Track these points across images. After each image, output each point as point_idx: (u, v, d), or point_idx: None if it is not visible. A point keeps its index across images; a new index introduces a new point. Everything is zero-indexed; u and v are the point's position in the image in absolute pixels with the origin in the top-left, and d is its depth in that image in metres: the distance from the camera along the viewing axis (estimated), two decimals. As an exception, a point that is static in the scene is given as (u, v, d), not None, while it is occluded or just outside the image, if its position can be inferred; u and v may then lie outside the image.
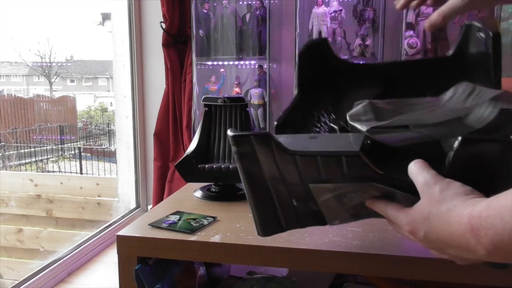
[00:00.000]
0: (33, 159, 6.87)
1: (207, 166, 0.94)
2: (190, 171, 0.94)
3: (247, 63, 2.45)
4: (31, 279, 1.91)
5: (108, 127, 9.65)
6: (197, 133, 1.00)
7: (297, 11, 2.26)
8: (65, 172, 6.54)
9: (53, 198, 3.95)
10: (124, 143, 2.86)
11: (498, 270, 0.52)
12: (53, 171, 6.70)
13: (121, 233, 0.75)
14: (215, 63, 2.47)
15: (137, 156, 2.82)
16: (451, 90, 0.64)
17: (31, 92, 16.90)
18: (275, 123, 0.59)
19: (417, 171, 0.50)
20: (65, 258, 2.13)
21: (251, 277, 0.97)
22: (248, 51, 2.40)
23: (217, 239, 0.71)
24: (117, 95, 2.84)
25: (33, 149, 7.09)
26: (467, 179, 0.47)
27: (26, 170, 6.51)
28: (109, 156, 6.83)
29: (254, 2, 2.38)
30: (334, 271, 0.88)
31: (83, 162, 6.80)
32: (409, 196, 0.51)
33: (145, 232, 0.75)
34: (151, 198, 2.76)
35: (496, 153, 0.48)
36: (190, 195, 0.98)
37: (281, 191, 0.58)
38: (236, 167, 0.93)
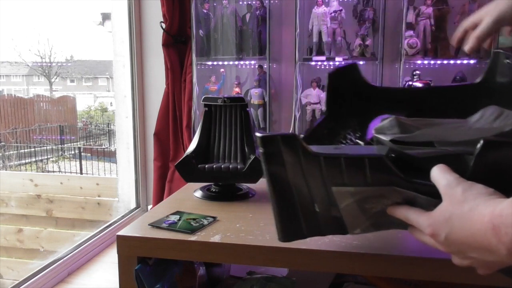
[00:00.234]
0: (33, 159, 6.88)
1: (207, 166, 0.93)
2: (190, 171, 0.94)
3: (247, 63, 2.45)
4: (31, 279, 1.91)
5: (108, 127, 9.66)
6: (197, 133, 1.00)
7: (297, 11, 2.26)
8: (65, 172, 6.55)
9: (53, 198, 3.95)
10: (124, 143, 2.86)
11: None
12: (53, 171, 6.70)
13: (121, 233, 0.75)
14: (215, 63, 2.47)
15: (137, 156, 2.82)
16: (479, 113, 0.64)
17: (31, 92, 16.90)
18: (301, 135, 0.59)
19: (440, 174, 0.50)
20: (65, 258, 2.13)
21: (251, 277, 0.97)
22: (248, 51, 2.40)
23: (217, 239, 0.71)
24: (117, 95, 2.84)
25: (33, 149, 7.09)
26: (489, 182, 0.47)
27: (26, 170, 6.51)
28: (109, 156, 6.83)
29: (254, 2, 2.38)
30: (334, 271, 0.88)
31: (83, 162, 6.81)
32: (431, 199, 0.51)
33: (145, 232, 0.75)
34: (151, 198, 2.76)
35: None
36: (190, 195, 0.98)
37: (304, 195, 0.58)
38: (236, 167, 0.93)
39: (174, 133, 2.63)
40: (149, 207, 2.83)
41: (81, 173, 6.48)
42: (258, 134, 0.57)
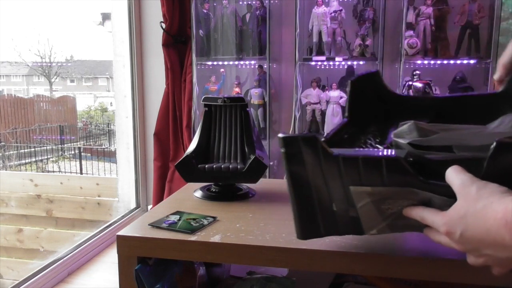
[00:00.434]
0: (33, 159, 6.88)
1: (207, 166, 0.93)
2: (190, 171, 0.94)
3: (247, 63, 2.45)
4: (31, 279, 1.91)
5: (108, 127, 9.65)
6: (197, 133, 1.00)
7: (297, 11, 2.26)
8: (65, 172, 6.55)
9: (53, 198, 3.95)
10: (124, 143, 2.86)
11: None
12: (53, 171, 6.70)
13: (121, 233, 0.75)
14: (215, 63, 2.47)
15: (137, 156, 2.82)
16: (498, 120, 0.66)
17: (31, 92, 16.90)
18: (322, 139, 0.61)
19: (454, 174, 0.52)
20: (65, 258, 2.13)
21: (251, 277, 0.97)
22: (248, 51, 2.40)
23: (217, 239, 0.71)
24: (117, 95, 2.84)
25: (33, 149, 7.10)
26: (502, 183, 0.48)
27: (26, 170, 6.51)
28: (109, 156, 6.83)
29: (254, 2, 2.38)
30: (334, 271, 0.88)
31: (83, 162, 6.81)
32: (446, 199, 0.52)
33: (145, 232, 0.75)
34: (151, 198, 2.76)
35: None
36: (190, 195, 0.98)
37: (322, 194, 0.60)
38: (236, 167, 0.93)
39: (174, 133, 2.63)
40: (149, 207, 2.83)
41: (81, 173, 6.48)
42: (280, 135, 0.59)
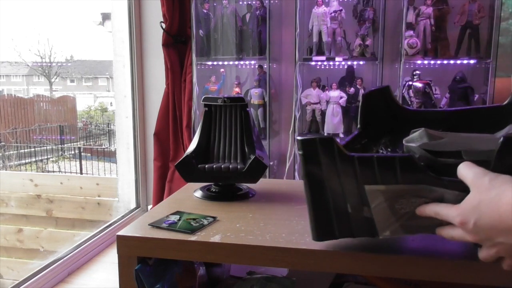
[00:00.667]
0: (33, 159, 6.87)
1: (207, 166, 0.93)
2: (190, 171, 0.94)
3: (247, 63, 2.45)
4: (31, 279, 1.91)
5: (108, 127, 9.65)
6: (197, 133, 1.00)
7: (297, 11, 2.26)
8: (65, 172, 6.55)
9: (53, 198, 3.95)
10: (124, 143, 2.86)
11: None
12: (53, 171, 6.70)
13: (121, 233, 0.75)
14: (215, 63, 2.47)
15: (137, 156, 2.82)
16: (506, 128, 0.69)
17: (31, 92, 16.90)
18: None
19: (466, 168, 0.54)
20: (65, 258, 2.13)
21: (251, 277, 0.97)
22: (248, 51, 2.40)
23: (217, 239, 0.71)
24: (117, 95, 2.84)
25: (33, 149, 7.09)
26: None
27: (26, 170, 6.51)
28: (109, 156, 6.83)
29: (254, 2, 2.37)
30: (334, 271, 0.88)
31: (83, 162, 6.81)
32: (459, 193, 0.54)
33: (145, 232, 0.75)
34: (151, 198, 2.76)
35: None
36: (190, 195, 0.98)
37: (338, 195, 0.62)
38: (236, 167, 0.93)
39: (174, 133, 2.63)
40: (149, 207, 2.83)
41: (81, 173, 6.48)
42: (298, 137, 0.62)
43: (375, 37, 2.27)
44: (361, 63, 2.32)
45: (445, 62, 2.19)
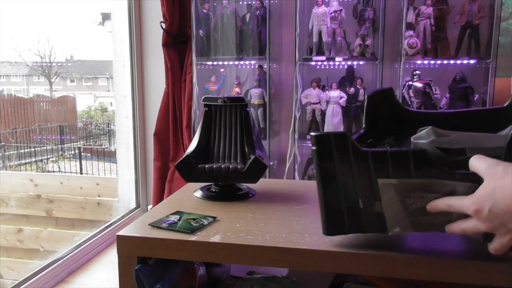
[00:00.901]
0: (33, 159, 6.87)
1: (207, 166, 0.93)
2: (190, 171, 0.94)
3: (247, 63, 2.45)
4: (31, 279, 1.91)
5: (108, 127, 9.65)
6: (197, 133, 1.00)
7: (297, 11, 2.26)
8: (65, 172, 6.54)
9: (53, 198, 3.95)
10: (124, 143, 2.86)
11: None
12: (53, 171, 6.70)
13: (121, 233, 0.75)
14: (215, 63, 2.47)
15: (137, 156, 2.82)
16: (508, 128, 0.71)
17: (31, 92, 16.90)
18: None
19: (479, 160, 0.55)
20: (65, 258, 2.13)
21: (251, 277, 0.97)
22: (248, 51, 2.40)
23: (217, 239, 0.71)
24: (117, 95, 2.84)
25: (33, 149, 7.09)
26: None
27: (26, 170, 6.50)
28: (109, 156, 6.83)
29: (254, 2, 2.37)
30: (334, 271, 0.88)
31: (83, 162, 6.80)
32: (471, 185, 0.55)
33: (145, 232, 0.75)
34: (151, 198, 2.76)
35: None
36: (190, 195, 0.98)
37: (350, 190, 0.63)
38: (236, 167, 0.93)
39: (174, 133, 2.63)
40: (149, 207, 2.83)
41: (81, 173, 6.48)
42: (312, 133, 0.63)
43: (375, 37, 2.27)
44: (361, 63, 2.32)
45: (445, 62, 2.19)
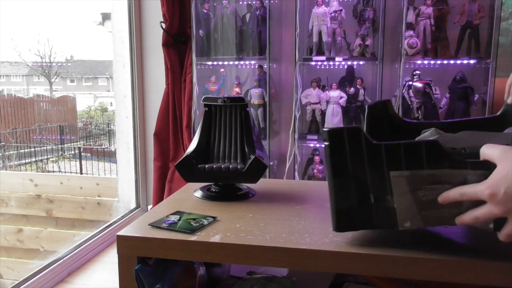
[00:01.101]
0: (33, 159, 6.87)
1: (207, 166, 0.93)
2: (190, 171, 0.94)
3: (247, 63, 2.45)
4: (31, 279, 1.91)
5: (108, 127, 9.65)
6: (197, 133, 1.00)
7: (297, 11, 2.26)
8: (65, 172, 6.54)
9: (53, 198, 3.95)
10: (124, 143, 2.86)
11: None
12: (53, 171, 6.70)
13: (121, 233, 0.75)
14: (215, 63, 2.47)
15: (137, 156, 2.82)
16: (507, 130, 0.73)
17: (31, 92, 16.90)
18: None
19: (491, 147, 0.57)
20: (65, 258, 2.13)
21: (251, 277, 0.97)
22: (248, 51, 2.40)
23: (217, 239, 0.71)
24: (117, 95, 2.84)
25: (33, 149, 7.09)
26: None
27: (26, 170, 6.50)
28: (109, 156, 6.83)
29: (254, 2, 2.37)
30: (334, 271, 0.88)
31: (83, 162, 6.80)
32: (483, 172, 0.56)
33: (145, 232, 0.75)
34: (151, 198, 2.76)
35: None
36: (190, 195, 0.98)
37: (362, 185, 0.64)
38: (236, 167, 0.93)
39: (174, 133, 2.63)
40: (149, 207, 2.83)
41: (81, 173, 6.48)
42: (325, 129, 0.64)
43: (375, 37, 2.27)
44: (361, 63, 2.32)
45: (445, 62, 2.19)
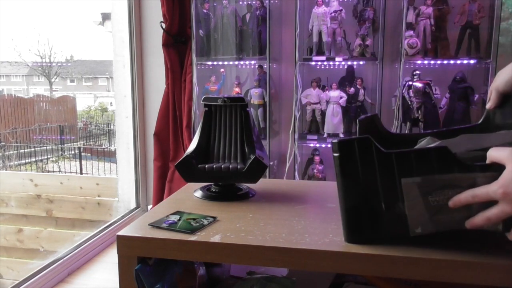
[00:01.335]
0: (33, 159, 6.87)
1: (207, 166, 0.93)
2: (190, 171, 0.94)
3: (247, 63, 2.45)
4: (31, 279, 1.91)
5: (108, 127, 9.65)
6: (197, 133, 1.00)
7: (297, 11, 2.26)
8: (65, 172, 6.54)
9: (53, 198, 3.95)
10: (124, 143, 2.86)
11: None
12: (53, 171, 6.70)
13: (121, 233, 0.75)
14: (215, 63, 2.47)
15: (137, 156, 2.82)
16: (503, 132, 0.74)
17: (31, 92, 16.90)
18: None
19: (498, 150, 0.58)
20: (65, 258, 2.13)
21: (251, 277, 0.97)
22: (248, 51, 2.40)
23: (217, 239, 0.71)
24: (117, 95, 2.84)
25: (33, 149, 7.09)
26: None
27: (26, 170, 6.50)
28: (109, 156, 6.83)
29: (254, 2, 2.37)
30: (334, 271, 0.88)
31: (83, 162, 6.80)
32: (492, 173, 0.57)
33: (145, 232, 0.75)
34: (151, 198, 2.76)
35: None
36: (190, 195, 0.98)
37: (373, 193, 0.64)
38: (236, 167, 0.93)
39: (174, 133, 2.63)
40: (149, 207, 2.83)
41: (81, 173, 6.48)
42: (334, 140, 0.65)
43: (375, 37, 2.27)
44: (361, 63, 2.32)
45: (445, 62, 2.19)
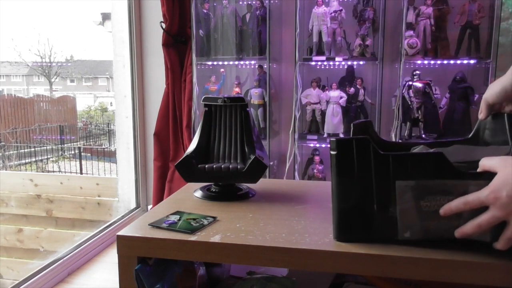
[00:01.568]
0: (33, 159, 6.87)
1: (207, 166, 0.93)
2: (190, 171, 0.94)
3: (247, 63, 2.45)
4: (31, 279, 1.91)
5: (108, 127, 9.65)
6: (197, 133, 1.00)
7: (297, 11, 2.26)
8: (65, 172, 6.54)
9: (53, 198, 3.95)
10: (124, 143, 2.86)
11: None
12: (53, 171, 6.70)
13: (121, 233, 0.75)
14: (215, 63, 2.47)
15: (137, 156, 2.82)
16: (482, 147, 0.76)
17: (31, 92, 16.90)
18: None
19: (490, 158, 0.60)
20: (65, 258, 2.13)
21: (251, 277, 0.97)
22: (248, 51, 2.40)
23: (217, 239, 0.71)
24: (117, 95, 2.84)
25: (33, 149, 7.09)
26: None
27: (26, 170, 6.50)
28: (109, 156, 6.83)
29: (254, 2, 2.37)
30: (334, 271, 0.88)
31: (83, 162, 6.80)
32: (484, 182, 0.58)
33: (145, 232, 0.75)
34: (151, 198, 2.76)
35: None
36: (190, 195, 0.98)
37: (367, 194, 0.65)
38: (236, 167, 0.93)
39: (174, 133, 2.63)
40: (149, 207, 2.83)
41: (81, 173, 6.48)
42: (332, 139, 0.65)
43: (375, 37, 2.27)
44: (361, 63, 2.32)
45: (445, 62, 2.19)
